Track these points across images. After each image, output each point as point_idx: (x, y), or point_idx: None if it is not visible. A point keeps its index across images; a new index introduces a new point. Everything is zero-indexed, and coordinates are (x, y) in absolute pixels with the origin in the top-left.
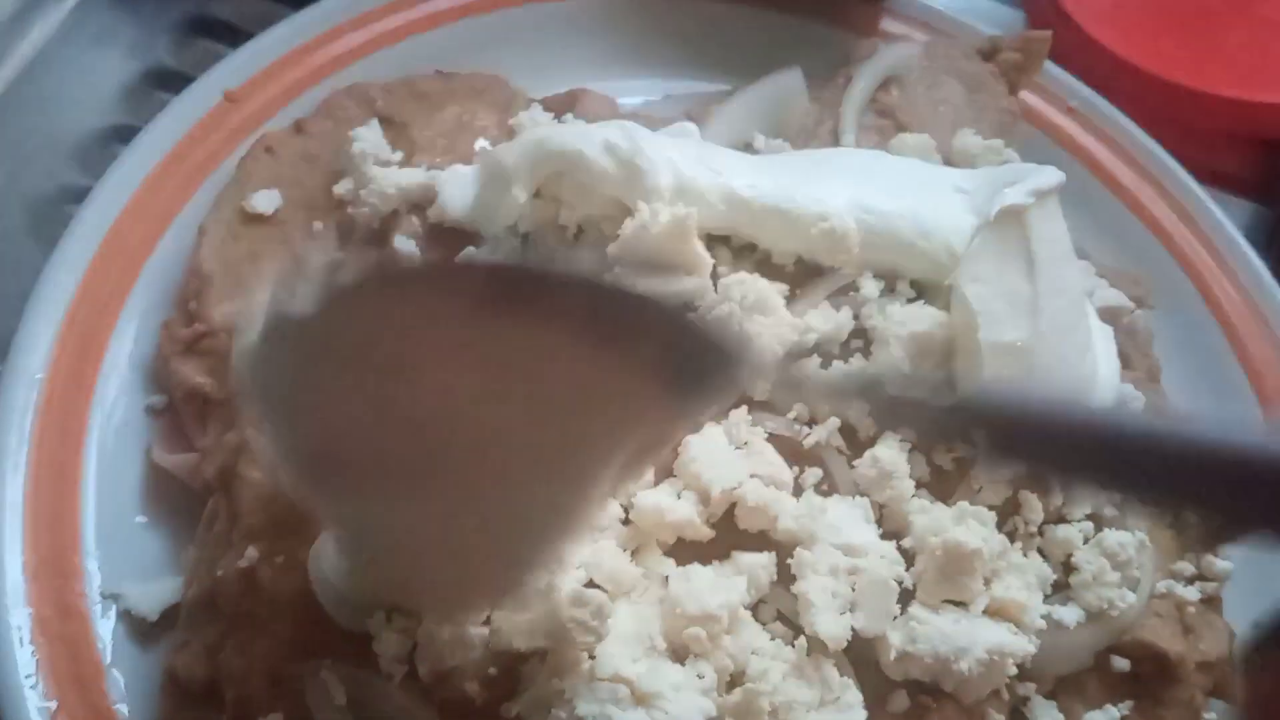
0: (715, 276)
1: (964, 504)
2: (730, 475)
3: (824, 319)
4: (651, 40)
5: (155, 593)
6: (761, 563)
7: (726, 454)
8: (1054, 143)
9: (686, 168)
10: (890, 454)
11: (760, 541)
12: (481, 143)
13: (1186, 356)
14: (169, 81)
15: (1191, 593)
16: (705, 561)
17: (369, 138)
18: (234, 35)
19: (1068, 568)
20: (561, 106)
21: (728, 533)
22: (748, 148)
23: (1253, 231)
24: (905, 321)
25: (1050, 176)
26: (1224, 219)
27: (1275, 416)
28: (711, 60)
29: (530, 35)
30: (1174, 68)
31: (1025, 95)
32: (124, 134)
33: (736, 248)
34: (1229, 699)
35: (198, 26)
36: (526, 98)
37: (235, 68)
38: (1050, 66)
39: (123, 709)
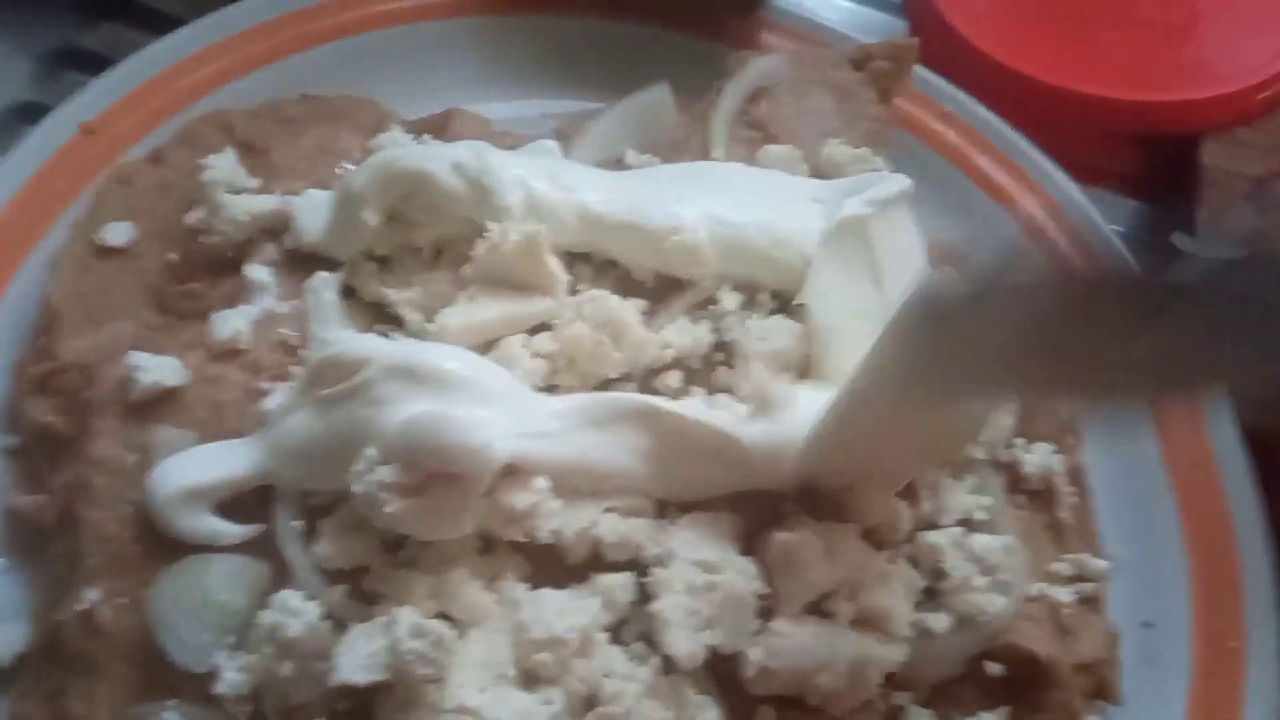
0: (574, 294)
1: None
2: (581, 517)
3: (682, 333)
4: (528, 60)
5: (8, 638)
6: (619, 583)
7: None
8: (930, 148)
9: (537, 185)
10: None
11: (626, 562)
12: (344, 165)
13: None
14: (31, 115)
15: (1066, 594)
16: (565, 585)
17: (222, 165)
18: (101, 66)
19: (937, 574)
20: (435, 127)
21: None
22: (619, 163)
23: (1135, 229)
24: (764, 336)
25: (892, 185)
26: (1098, 217)
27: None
28: (588, 78)
29: (405, 57)
30: (1052, 70)
31: (901, 102)
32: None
33: (597, 264)
34: (1111, 699)
35: (63, 58)
36: (397, 119)
37: (92, 99)
38: (925, 73)
39: None
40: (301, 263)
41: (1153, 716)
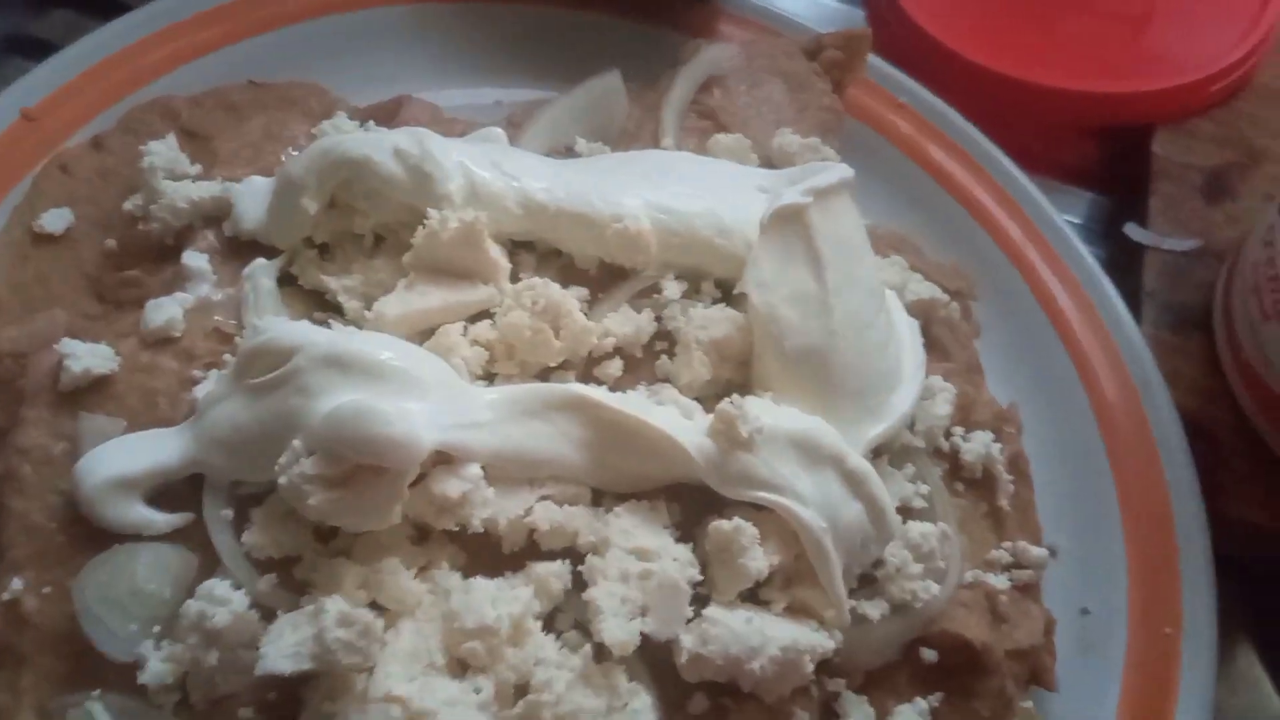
0: (516, 282)
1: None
2: (516, 505)
3: (623, 322)
4: (482, 47)
5: None
6: (554, 571)
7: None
8: (883, 138)
9: (480, 173)
10: None
11: (562, 550)
12: (290, 153)
13: (1014, 346)
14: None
15: (1002, 581)
16: (500, 573)
17: (162, 151)
18: (52, 54)
19: (874, 561)
20: (385, 114)
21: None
22: (569, 151)
23: (1090, 220)
24: (705, 325)
25: (832, 174)
26: (1050, 209)
27: (1100, 403)
28: (542, 66)
29: (359, 43)
30: (1009, 61)
31: (855, 92)
32: None
33: (542, 253)
34: (1046, 685)
35: (13, 44)
36: (345, 105)
37: (34, 84)
38: (880, 63)
39: None
40: (241, 250)
41: (1088, 703)
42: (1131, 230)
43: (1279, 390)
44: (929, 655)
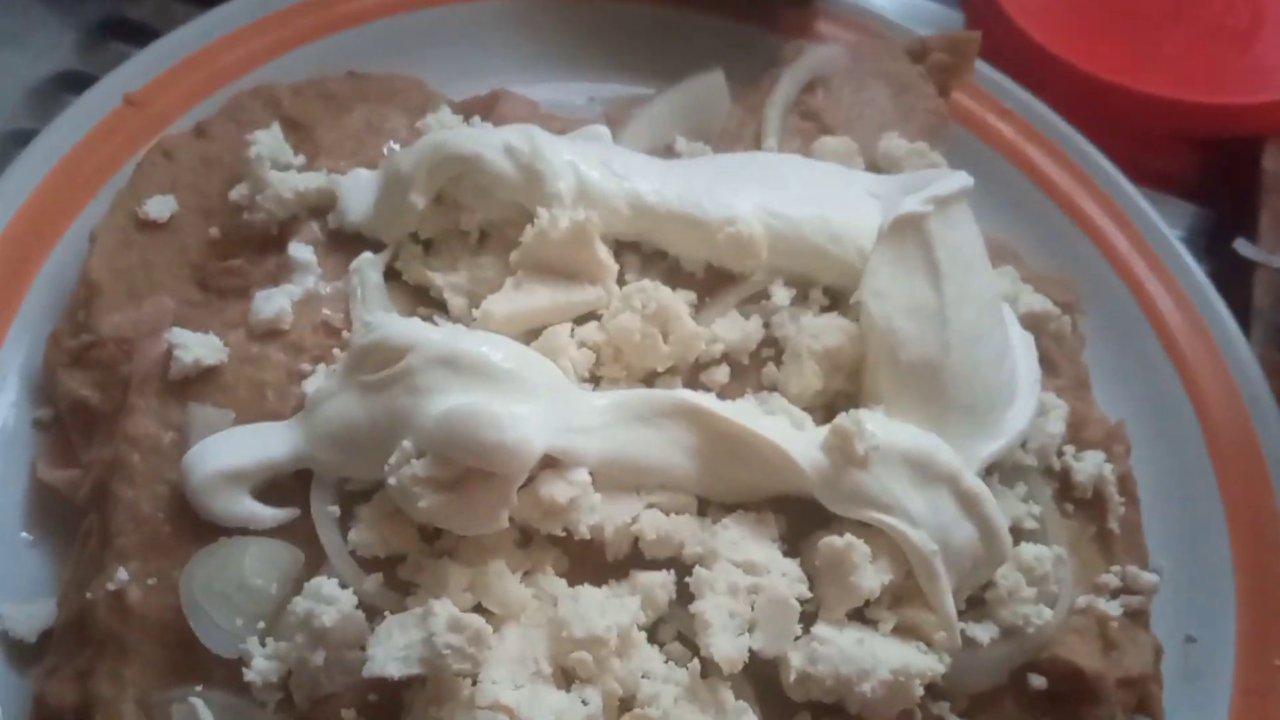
0: (622, 283)
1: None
2: (623, 511)
3: (731, 328)
4: (575, 42)
5: (34, 614)
6: (659, 581)
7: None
8: (987, 144)
9: (589, 172)
10: None
11: (666, 560)
12: (391, 146)
13: (1120, 360)
14: (76, 85)
15: (1114, 607)
16: (603, 581)
17: (268, 141)
18: (148, 38)
19: (985, 583)
20: (481, 108)
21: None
22: (669, 150)
23: (1194, 234)
24: (817, 334)
25: (952, 182)
26: (1159, 221)
27: (1208, 422)
28: (637, 63)
29: (452, 36)
30: (1112, 68)
31: (960, 97)
32: (25, 139)
33: (646, 254)
34: (1154, 715)
35: (110, 28)
36: (443, 99)
37: (137, 70)
38: (985, 68)
39: None
40: (345, 243)
41: None
42: (1241, 246)
43: None
44: (1037, 682)
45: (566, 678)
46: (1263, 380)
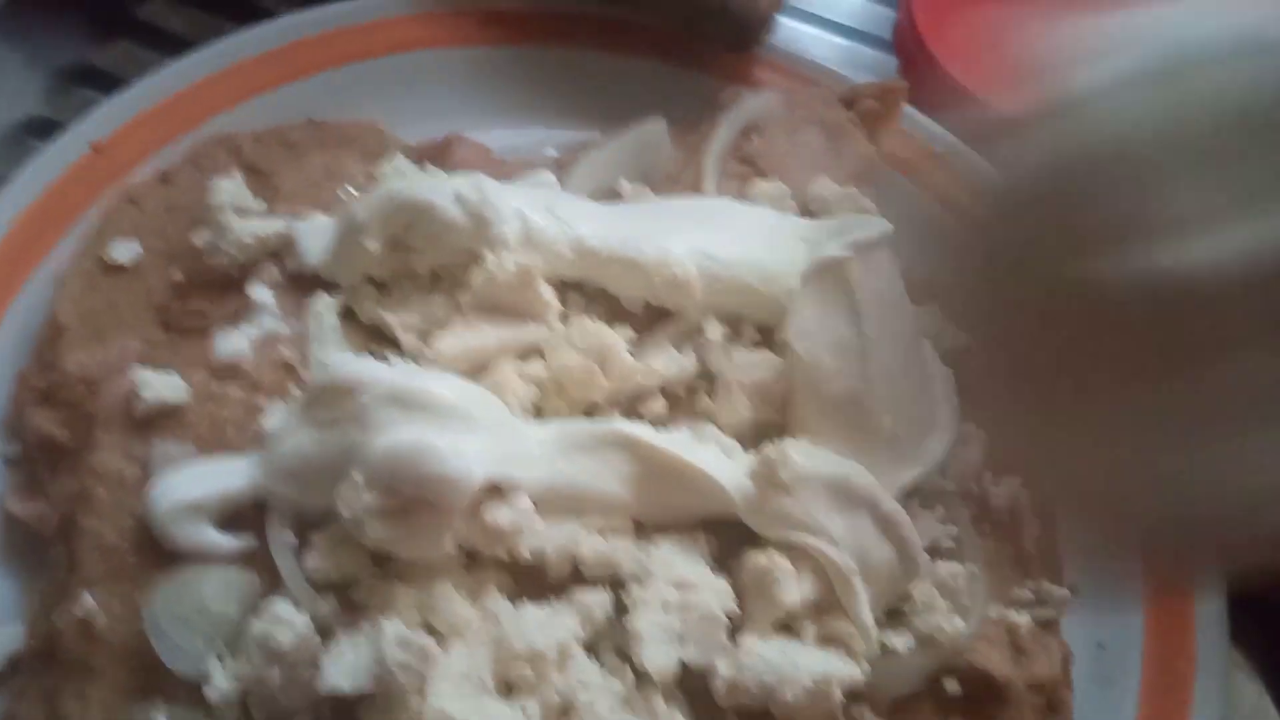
0: (565, 320)
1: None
2: (563, 535)
3: (668, 362)
4: (528, 89)
5: (3, 639)
6: (597, 600)
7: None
8: (919, 188)
9: (534, 218)
10: None
11: (605, 578)
12: (348, 189)
13: None
14: (43, 130)
15: (1025, 618)
16: (544, 598)
17: (229, 188)
18: (114, 84)
19: (902, 596)
20: (436, 154)
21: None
22: (612, 193)
23: None
24: (747, 369)
25: (873, 229)
26: None
27: None
28: (586, 108)
29: (408, 83)
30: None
31: (891, 141)
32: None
33: (589, 293)
34: (1065, 717)
35: (77, 75)
36: (399, 144)
37: (103, 118)
38: (915, 113)
39: None
40: (303, 284)
41: None
42: None
43: None
44: (952, 687)
45: (509, 690)
46: None
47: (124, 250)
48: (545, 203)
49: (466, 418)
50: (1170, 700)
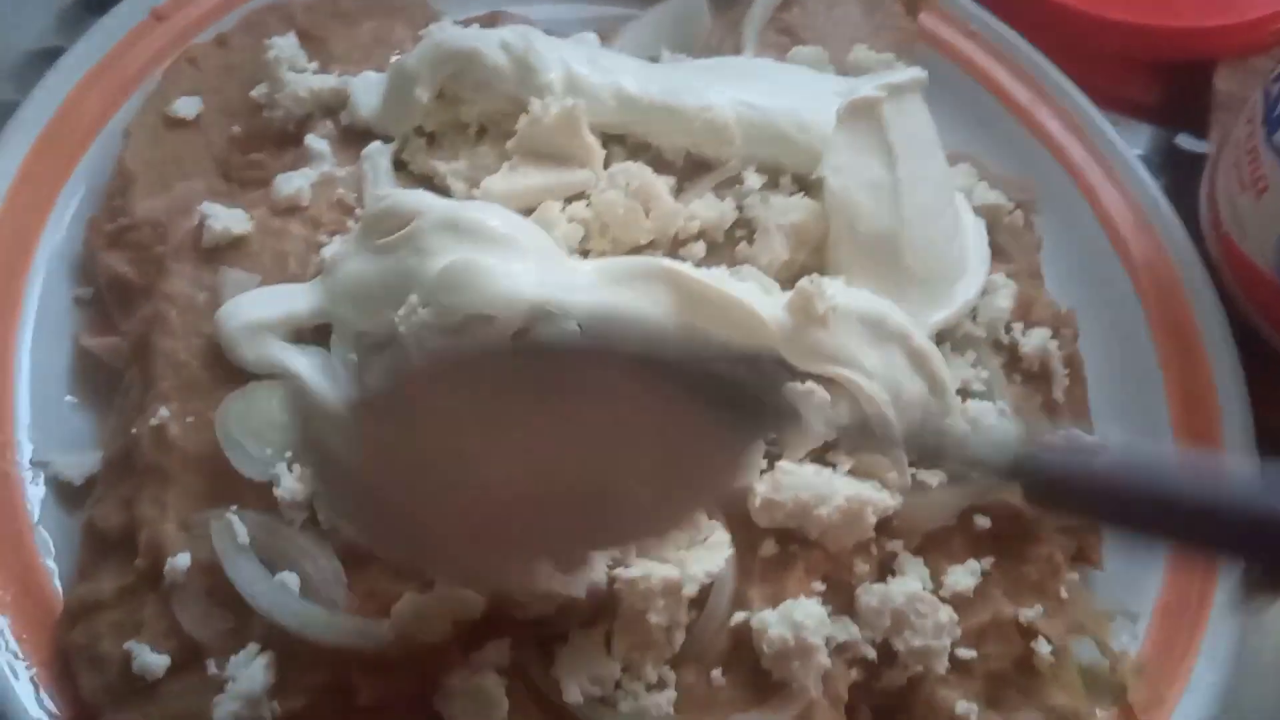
0: (608, 168)
1: None
2: None
3: (708, 208)
4: None
5: (80, 462)
6: None
7: None
8: (953, 63)
9: (578, 67)
10: None
11: None
12: (397, 55)
13: (1073, 262)
14: (102, 6)
15: None
16: None
17: (284, 46)
18: None
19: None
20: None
21: None
22: (654, 62)
23: (1152, 154)
24: (785, 212)
25: (906, 73)
26: (1113, 134)
27: (1154, 317)
28: None
29: None
30: None
31: (927, 18)
32: (57, 56)
33: (631, 146)
34: (1093, 564)
35: (90, 4)
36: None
37: None
38: None
39: (49, 563)
40: (357, 137)
41: (1133, 583)
42: (1184, 140)
43: (1254, 261)
44: (982, 522)
45: None
46: (1205, 275)
47: (186, 106)
48: (589, 55)
49: (515, 245)
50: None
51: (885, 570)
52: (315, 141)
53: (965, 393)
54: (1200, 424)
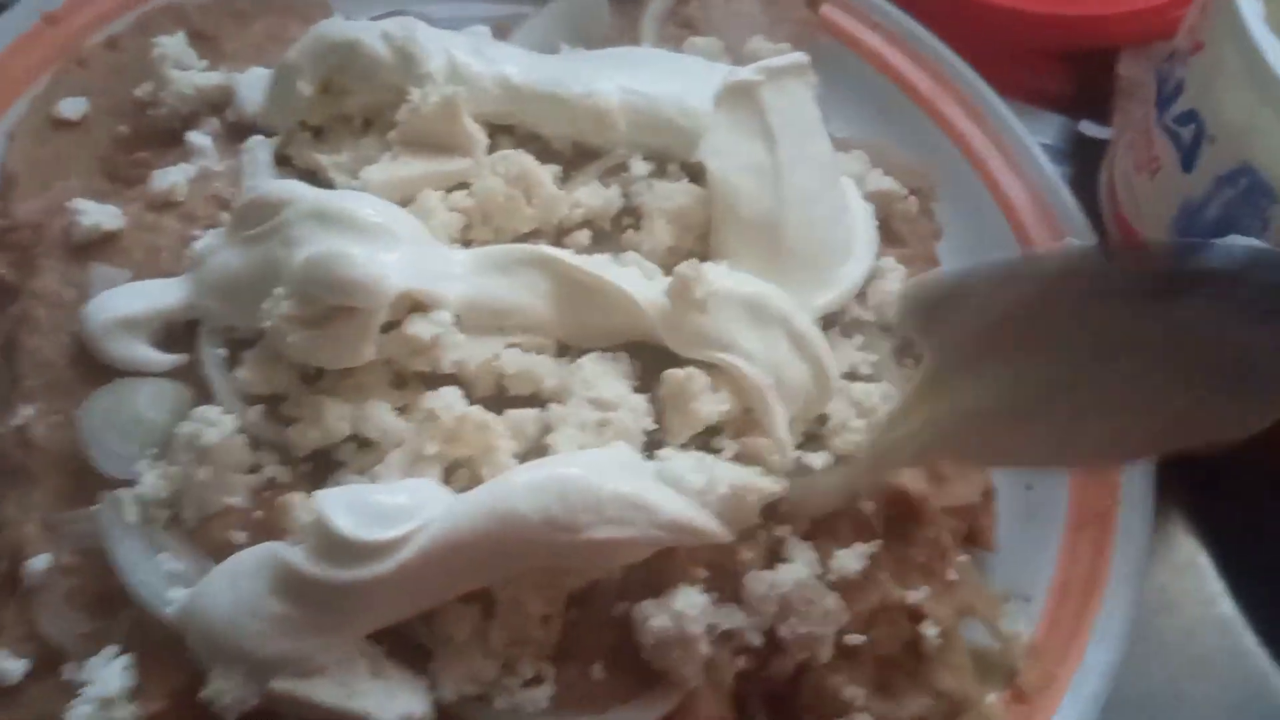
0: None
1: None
2: (484, 350)
3: (593, 195)
4: None
5: None
6: (530, 416)
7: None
8: (855, 53)
9: (461, 56)
10: None
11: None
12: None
13: (972, 245)
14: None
15: None
16: None
17: (172, 45)
18: None
19: (820, 419)
20: None
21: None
22: None
23: (1059, 143)
24: (669, 197)
25: (786, 58)
26: (1015, 121)
27: None
28: None
29: None
30: None
31: (830, 9)
32: None
33: (519, 136)
34: (984, 546)
35: None
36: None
37: None
38: None
39: None
40: (242, 134)
41: (1026, 564)
42: (1086, 127)
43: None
44: (869, 506)
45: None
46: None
47: (72, 107)
48: (474, 45)
49: (387, 234)
50: (1094, 532)
51: (773, 556)
52: (197, 138)
53: (854, 375)
54: None
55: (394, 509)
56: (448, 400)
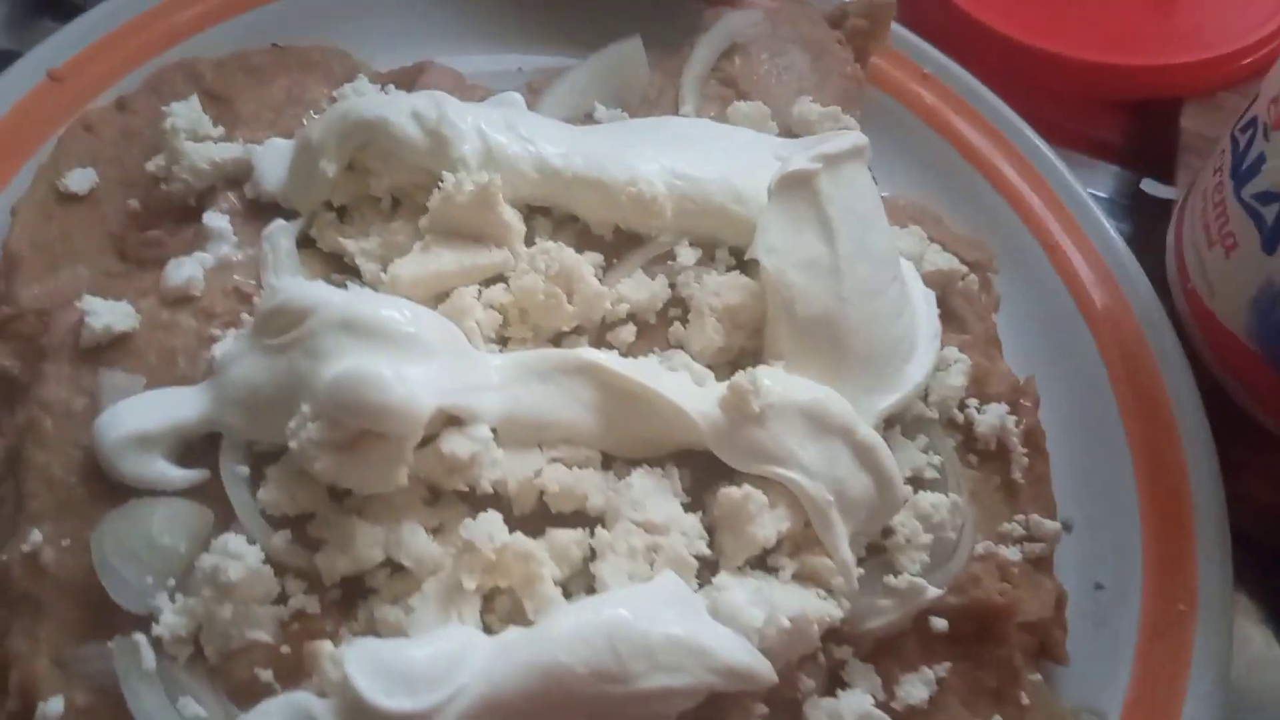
0: (530, 246)
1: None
2: (525, 466)
3: (637, 287)
4: (502, 13)
5: None
6: (574, 539)
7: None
8: (907, 109)
9: (495, 136)
10: None
11: (572, 514)
12: (311, 115)
13: (1034, 319)
14: (3, 62)
15: (1014, 553)
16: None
17: (184, 112)
18: (77, 14)
19: (885, 531)
20: (406, 80)
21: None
22: (588, 118)
23: (1118, 197)
24: (719, 292)
25: (843, 141)
26: (1073, 181)
27: (1119, 379)
28: (563, 32)
29: (379, 7)
30: (1035, 33)
31: (880, 62)
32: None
33: (557, 219)
34: (1057, 659)
35: (40, 5)
36: (368, 70)
37: (61, 45)
38: (906, 33)
39: None
40: (262, 212)
41: (1100, 678)
42: (1148, 185)
43: (1224, 323)
44: (938, 624)
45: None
46: (1173, 336)
47: (79, 179)
48: (508, 122)
49: (420, 344)
50: (1171, 642)
51: (834, 679)
52: (214, 219)
53: (918, 481)
54: (1169, 499)
55: (427, 668)
56: (488, 529)
